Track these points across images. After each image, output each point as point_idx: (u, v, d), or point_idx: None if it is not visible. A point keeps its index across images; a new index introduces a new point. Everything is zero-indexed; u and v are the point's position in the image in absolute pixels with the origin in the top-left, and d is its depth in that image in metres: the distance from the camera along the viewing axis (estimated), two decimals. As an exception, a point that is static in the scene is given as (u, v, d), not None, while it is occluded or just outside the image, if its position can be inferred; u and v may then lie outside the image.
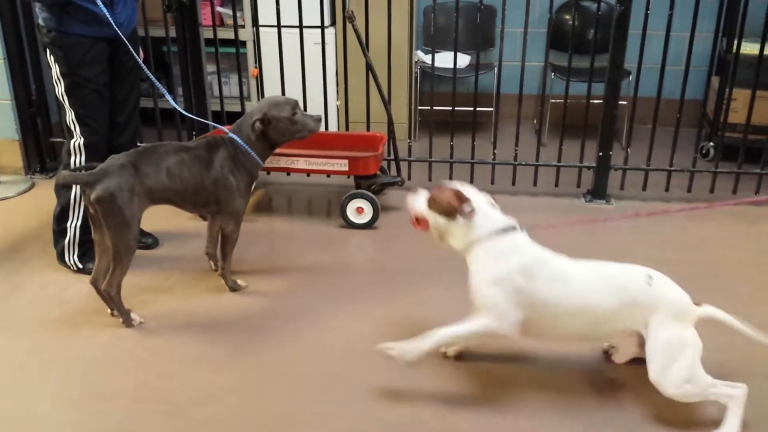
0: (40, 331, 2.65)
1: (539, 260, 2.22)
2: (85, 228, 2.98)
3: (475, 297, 2.25)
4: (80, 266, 3.04)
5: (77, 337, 2.61)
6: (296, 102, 2.82)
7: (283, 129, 2.78)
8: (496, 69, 3.93)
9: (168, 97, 2.87)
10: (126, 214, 2.50)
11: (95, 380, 2.38)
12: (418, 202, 2.35)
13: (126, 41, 2.80)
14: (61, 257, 3.08)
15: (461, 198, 2.25)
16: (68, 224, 3.01)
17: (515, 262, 2.18)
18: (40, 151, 4.23)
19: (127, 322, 2.66)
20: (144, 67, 2.91)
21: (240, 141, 2.74)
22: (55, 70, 2.85)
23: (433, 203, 2.30)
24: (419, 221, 2.36)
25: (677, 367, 2.09)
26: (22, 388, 2.35)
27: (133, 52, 2.85)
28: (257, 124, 2.72)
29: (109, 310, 2.69)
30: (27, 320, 2.73)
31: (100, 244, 2.62)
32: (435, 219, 2.30)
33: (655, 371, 2.11)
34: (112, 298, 2.62)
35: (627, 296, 2.15)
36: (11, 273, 3.07)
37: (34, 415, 2.23)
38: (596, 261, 2.25)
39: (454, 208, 2.23)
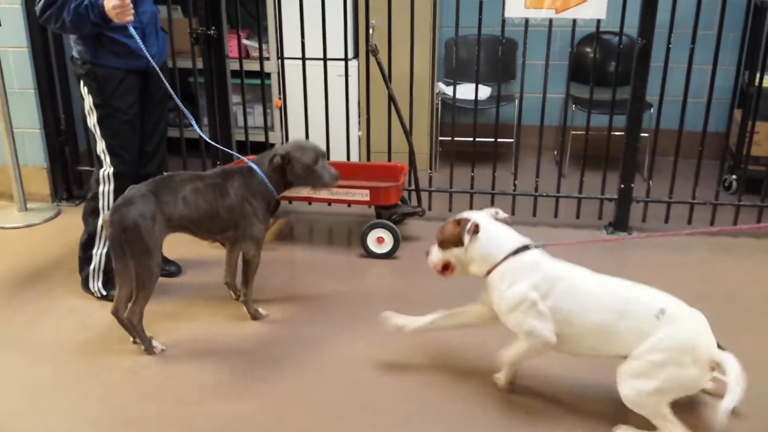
0: (63, 357, 2.68)
1: (554, 276, 2.24)
2: (110, 256, 3.02)
3: (503, 321, 2.32)
4: (104, 293, 3.07)
5: (100, 363, 2.64)
6: (323, 153, 2.85)
7: (299, 173, 2.80)
8: (516, 100, 3.95)
9: (195, 126, 2.93)
10: (149, 242, 2.55)
11: (117, 407, 2.40)
12: (433, 252, 2.45)
13: (160, 73, 2.89)
14: (85, 284, 3.12)
15: (460, 221, 2.34)
16: (94, 251, 3.05)
17: (529, 283, 2.23)
18: (67, 179, 4.30)
19: (149, 350, 2.68)
20: (175, 96, 2.97)
21: (258, 170, 2.78)
22: (89, 101, 2.92)
23: (442, 243, 2.40)
24: (443, 268, 2.44)
25: (647, 381, 2.09)
26: (45, 412, 2.38)
27: (166, 83, 2.92)
28: (277, 158, 2.76)
29: (131, 338, 2.72)
30: (50, 346, 2.76)
31: (120, 274, 2.65)
32: (450, 254, 2.38)
33: (623, 372, 2.13)
34: (134, 326, 2.65)
35: (633, 324, 2.14)
36: (36, 299, 3.12)
37: (57, 441, 2.25)
38: (621, 279, 2.26)
39: (458, 233, 2.30)
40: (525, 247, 2.31)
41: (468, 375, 2.54)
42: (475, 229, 2.30)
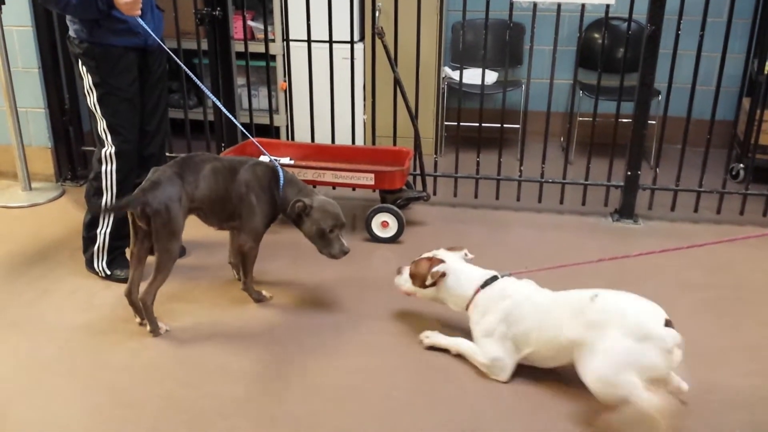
0: (67, 337, 2.69)
1: (519, 302, 2.38)
2: (114, 235, 3.02)
3: (477, 345, 2.46)
4: (108, 273, 3.07)
5: (103, 344, 2.64)
6: (343, 224, 2.76)
7: (308, 230, 2.74)
8: (523, 86, 3.93)
9: (220, 106, 2.91)
10: (176, 225, 2.57)
11: (120, 387, 2.40)
12: (404, 283, 2.66)
13: (165, 47, 2.89)
14: (89, 264, 3.12)
15: (432, 261, 2.55)
16: (98, 231, 3.05)
17: (499, 312, 2.39)
18: (71, 159, 4.30)
19: (155, 332, 2.67)
20: (192, 75, 2.96)
21: (282, 178, 2.76)
22: (87, 80, 2.90)
23: (414, 279, 2.60)
24: (407, 293, 2.67)
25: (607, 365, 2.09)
26: (48, 393, 2.38)
27: (177, 59, 2.91)
28: (299, 204, 2.71)
29: (137, 319, 2.72)
30: (54, 326, 2.76)
31: (136, 255, 2.65)
32: (421, 292, 2.61)
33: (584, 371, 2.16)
34: (146, 307, 2.64)
35: (581, 316, 2.21)
36: (40, 278, 3.12)
37: (58, 421, 2.25)
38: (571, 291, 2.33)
39: (431, 279, 2.51)
40: (494, 278, 2.48)
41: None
42: (441, 275, 2.50)
